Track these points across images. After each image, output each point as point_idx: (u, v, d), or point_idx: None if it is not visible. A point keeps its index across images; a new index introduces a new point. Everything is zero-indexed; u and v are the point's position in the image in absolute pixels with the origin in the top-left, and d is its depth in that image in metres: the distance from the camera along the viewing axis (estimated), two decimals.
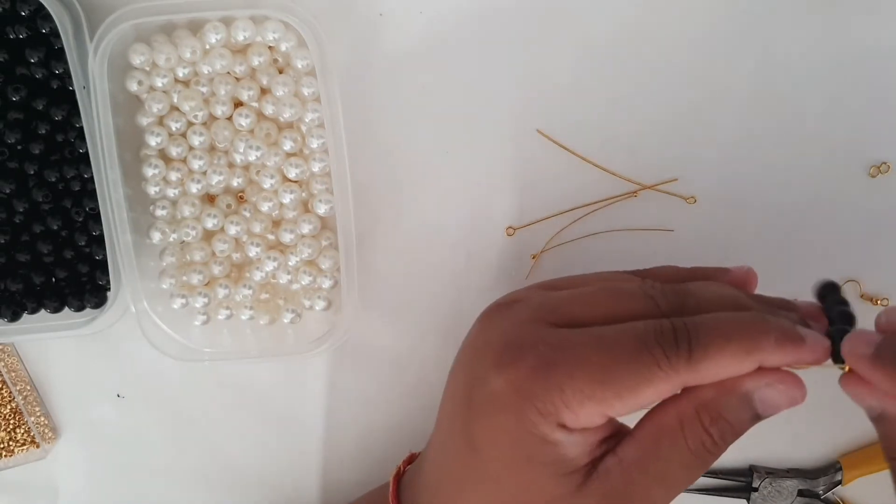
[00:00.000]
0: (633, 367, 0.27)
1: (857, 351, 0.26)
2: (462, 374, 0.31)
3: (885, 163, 0.40)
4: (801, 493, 0.43)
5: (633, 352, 0.27)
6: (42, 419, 0.44)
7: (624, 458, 0.28)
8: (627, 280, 0.31)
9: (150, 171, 0.39)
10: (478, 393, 0.29)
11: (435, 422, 0.34)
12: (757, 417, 0.28)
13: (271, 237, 0.40)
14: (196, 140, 0.38)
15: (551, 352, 0.28)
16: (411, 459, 0.37)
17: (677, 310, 0.29)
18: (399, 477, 0.36)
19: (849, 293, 0.41)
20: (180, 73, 0.38)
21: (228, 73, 0.38)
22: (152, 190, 0.39)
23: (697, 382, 0.27)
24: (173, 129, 0.39)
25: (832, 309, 0.28)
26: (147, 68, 0.38)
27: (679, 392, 0.28)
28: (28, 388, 0.44)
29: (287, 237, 0.40)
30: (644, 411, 0.29)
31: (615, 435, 0.29)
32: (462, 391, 0.31)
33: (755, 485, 0.43)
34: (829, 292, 0.29)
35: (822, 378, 0.42)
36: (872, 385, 0.26)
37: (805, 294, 0.42)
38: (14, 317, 0.40)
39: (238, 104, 0.39)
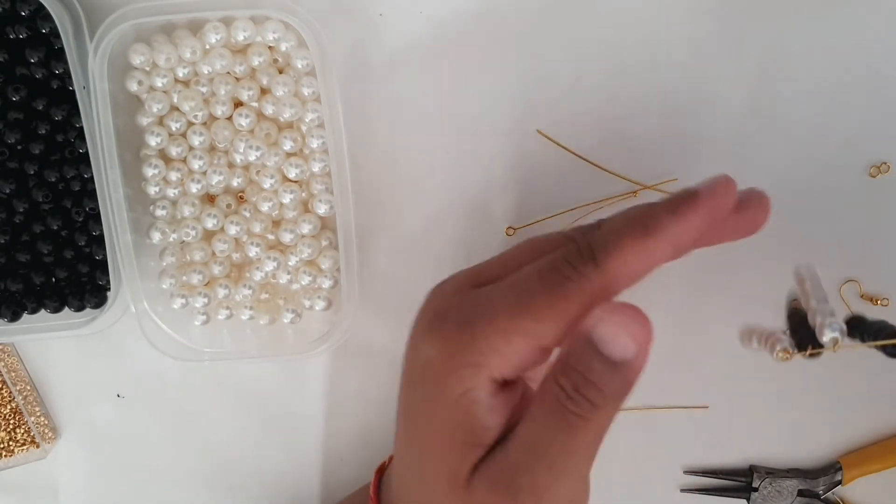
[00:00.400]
0: (544, 289, 0.26)
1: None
2: (405, 354, 0.31)
3: (885, 163, 0.40)
4: (800, 493, 0.43)
5: (544, 276, 0.26)
6: (42, 419, 0.44)
7: (514, 435, 0.27)
8: (553, 234, 0.31)
9: (150, 171, 0.39)
10: (413, 366, 0.29)
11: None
12: (610, 365, 0.25)
13: (271, 237, 0.40)
14: (196, 140, 0.38)
15: (471, 308, 0.27)
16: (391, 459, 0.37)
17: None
18: (382, 470, 0.36)
19: (849, 293, 0.41)
20: (180, 73, 0.38)
21: (228, 73, 0.38)
22: (152, 190, 0.39)
23: (613, 286, 0.26)
24: (173, 129, 0.39)
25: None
26: (147, 68, 0.38)
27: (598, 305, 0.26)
28: (28, 388, 0.44)
29: (287, 237, 0.40)
30: None
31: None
32: (405, 369, 0.30)
33: (755, 485, 0.43)
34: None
35: (821, 379, 0.43)
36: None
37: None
38: (14, 317, 0.40)
39: (238, 104, 0.39)
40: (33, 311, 0.40)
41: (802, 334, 0.30)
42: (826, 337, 0.29)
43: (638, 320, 0.25)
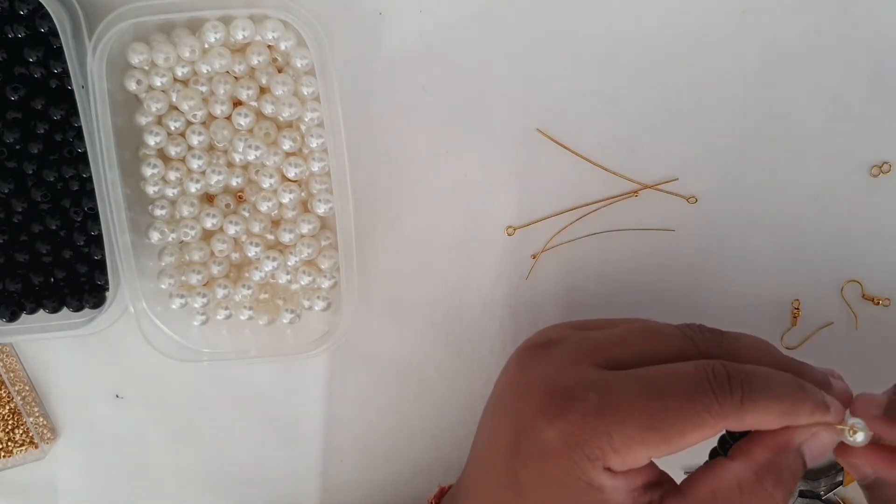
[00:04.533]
0: (683, 413, 0.27)
1: (869, 411, 0.28)
2: (506, 419, 0.31)
3: (886, 162, 0.40)
4: (802, 494, 0.43)
5: (684, 397, 0.27)
6: (41, 419, 0.44)
7: None
8: (663, 323, 0.32)
9: (148, 171, 0.39)
10: (525, 440, 0.29)
11: (469, 459, 0.34)
12: (805, 467, 0.29)
13: (270, 237, 0.40)
14: (195, 139, 0.38)
15: (599, 397, 0.28)
16: (441, 494, 0.37)
17: (714, 352, 0.29)
18: (441, 496, 0.36)
19: (850, 294, 0.41)
20: (179, 72, 0.38)
21: (227, 72, 0.38)
22: (151, 189, 0.39)
23: (737, 429, 0.28)
24: (172, 128, 0.38)
25: None
26: (146, 67, 0.38)
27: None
28: (27, 388, 0.44)
29: (286, 237, 0.39)
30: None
31: (658, 483, 0.29)
32: (506, 437, 0.31)
33: None
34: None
35: None
36: (865, 455, 0.28)
37: (804, 292, 0.42)
38: (13, 317, 0.40)
39: (237, 103, 0.39)
40: (32, 311, 0.40)
41: None
42: None
43: (836, 430, 0.28)
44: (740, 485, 0.28)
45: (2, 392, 0.43)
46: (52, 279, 0.40)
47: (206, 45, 0.37)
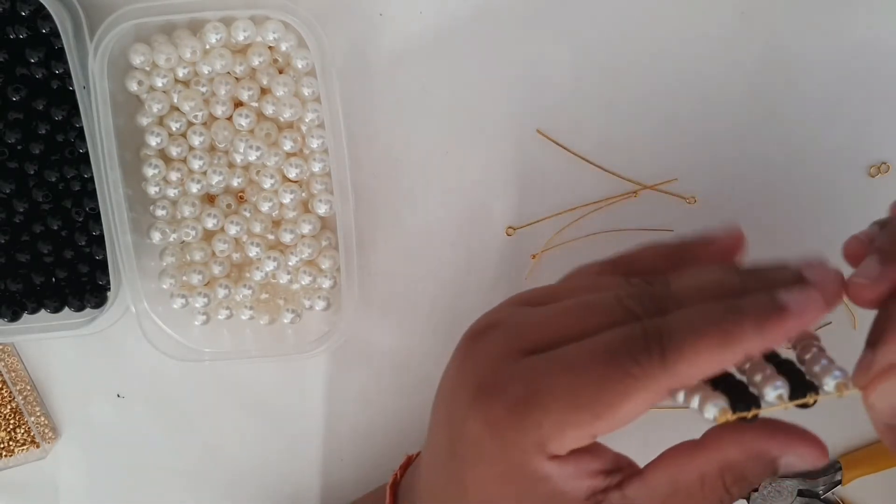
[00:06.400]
0: (605, 385, 0.25)
1: (869, 274, 0.27)
2: (443, 416, 0.30)
3: (884, 163, 0.40)
4: (800, 493, 0.43)
5: (601, 367, 0.25)
6: (42, 419, 0.44)
7: (634, 501, 0.27)
8: (604, 287, 0.30)
9: (150, 171, 0.39)
10: (459, 439, 0.28)
11: (427, 434, 0.34)
12: (776, 475, 0.28)
13: (271, 237, 0.40)
14: (196, 140, 0.38)
15: (523, 387, 0.26)
16: (408, 463, 0.36)
17: (656, 312, 0.27)
18: (396, 484, 0.36)
19: None
20: (180, 73, 0.38)
21: (228, 73, 0.38)
22: (152, 190, 0.39)
23: (678, 384, 0.26)
24: (173, 129, 0.39)
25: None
26: (147, 68, 0.38)
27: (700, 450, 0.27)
28: (28, 388, 0.44)
29: (287, 237, 0.40)
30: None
31: (618, 469, 0.28)
32: (444, 436, 0.30)
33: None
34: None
35: None
36: None
37: None
38: (14, 317, 0.40)
39: (238, 104, 0.39)
40: (33, 311, 0.40)
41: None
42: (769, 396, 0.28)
43: (823, 451, 0.28)
44: (702, 477, 0.27)
45: (3, 392, 0.43)
46: (54, 279, 0.40)
47: (207, 46, 0.38)
